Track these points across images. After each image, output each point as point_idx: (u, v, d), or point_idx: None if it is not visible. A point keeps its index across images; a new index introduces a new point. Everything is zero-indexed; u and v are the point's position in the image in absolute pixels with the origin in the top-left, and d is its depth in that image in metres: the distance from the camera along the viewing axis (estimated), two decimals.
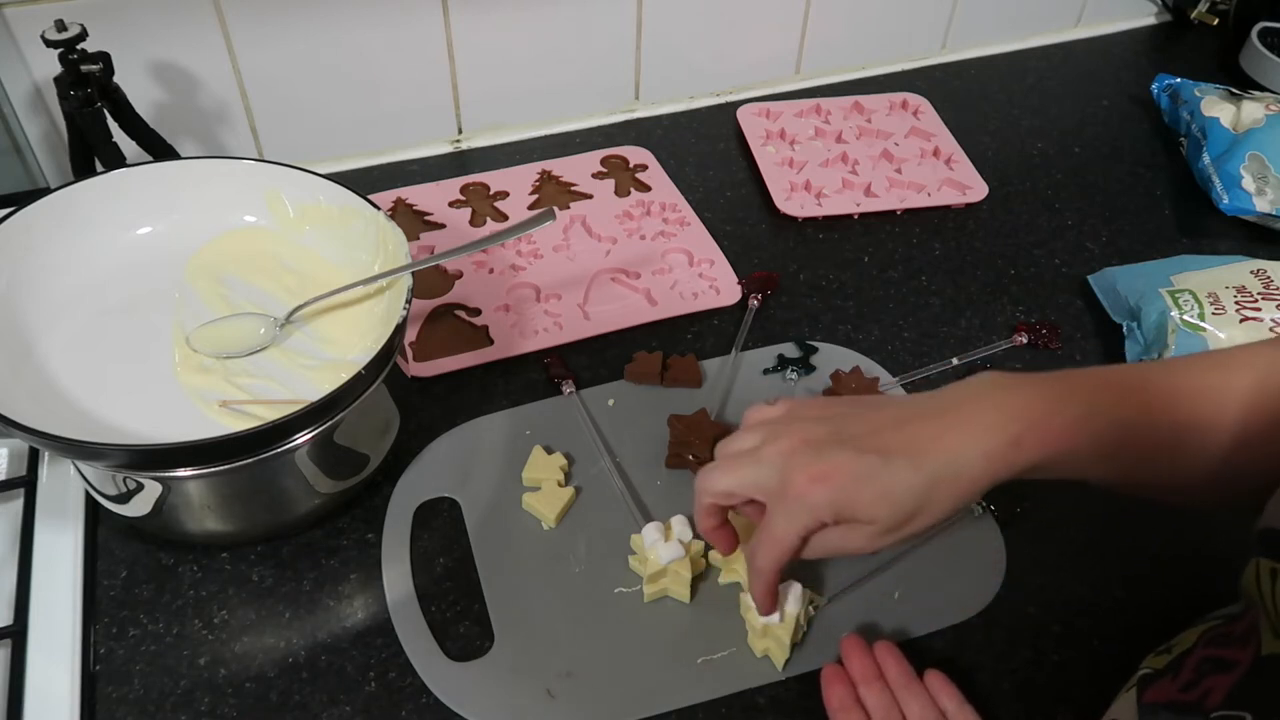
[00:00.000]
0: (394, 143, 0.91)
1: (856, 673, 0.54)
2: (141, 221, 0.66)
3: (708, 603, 0.59)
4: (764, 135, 0.94)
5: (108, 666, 0.55)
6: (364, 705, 0.54)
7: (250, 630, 0.57)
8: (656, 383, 0.70)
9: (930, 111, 0.97)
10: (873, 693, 0.53)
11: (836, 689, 0.54)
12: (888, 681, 0.54)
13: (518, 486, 0.64)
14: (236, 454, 0.52)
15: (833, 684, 0.54)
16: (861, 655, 0.55)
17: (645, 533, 0.58)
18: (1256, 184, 0.85)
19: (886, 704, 0.52)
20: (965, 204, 0.88)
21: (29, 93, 0.77)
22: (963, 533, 0.63)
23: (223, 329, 0.62)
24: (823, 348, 0.74)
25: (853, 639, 0.56)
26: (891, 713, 0.52)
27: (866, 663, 0.54)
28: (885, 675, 0.54)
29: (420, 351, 0.72)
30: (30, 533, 0.60)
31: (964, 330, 0.77)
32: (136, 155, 0.73)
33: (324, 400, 0.52)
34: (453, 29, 0.86)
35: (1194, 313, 0.71)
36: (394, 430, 0.64)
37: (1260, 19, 1.07)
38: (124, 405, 0.57)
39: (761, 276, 0.78)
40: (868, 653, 0.55)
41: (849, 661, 0.55)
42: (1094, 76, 1.07)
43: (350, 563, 0.60)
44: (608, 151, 0.91)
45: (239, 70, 0.82)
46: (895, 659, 0.54)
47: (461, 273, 0.78)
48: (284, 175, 0.66)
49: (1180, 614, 0.59)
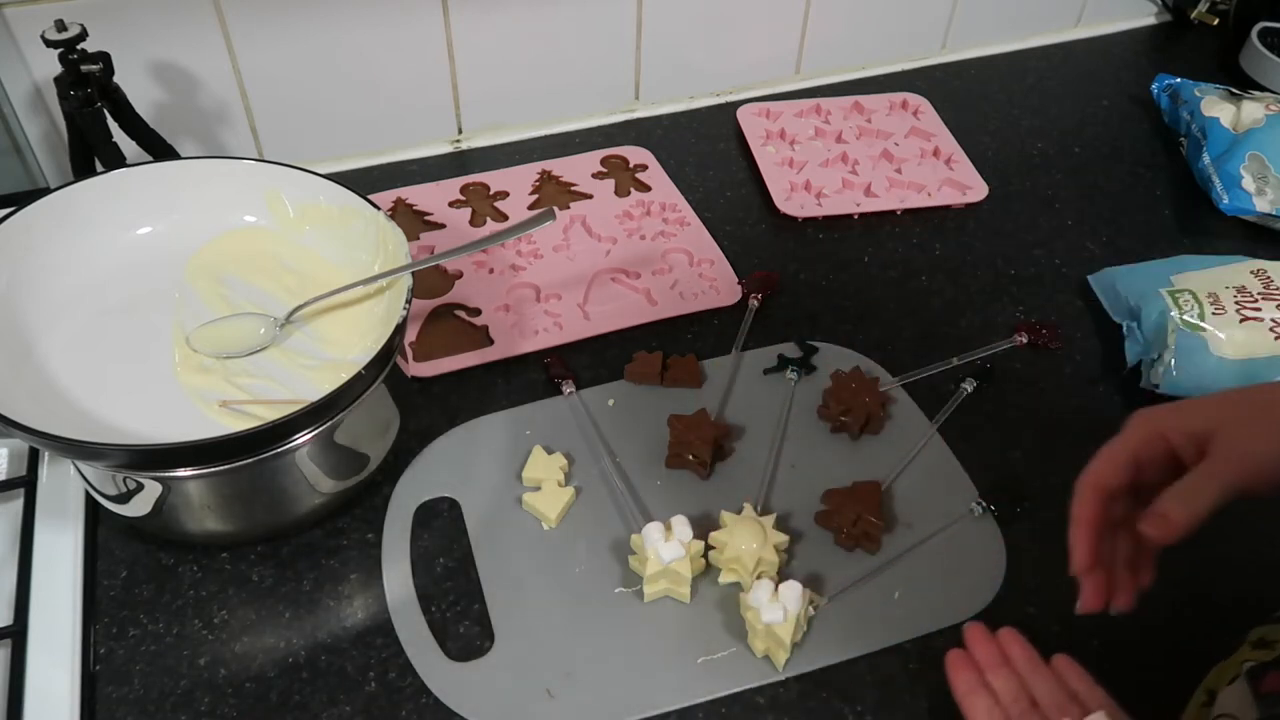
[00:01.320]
0: (394, 143, 0.91)
1: (982, 658, 0.54)
2: (141, 221, 0.66)
3: (708, 603, 0.59)
4: (764, 135, 0.94)
5: (108, 666, 0.55)
6: (364, 705, 0.54)
7: (250, 630, 0.57)
8: (656, 383, 0.70)
9: (930, 111, 0.97)
10: (999, 677, 0.53)
11: (963, 674, 0.54)
12: (1014, 666, 0.54)
13: (518, 486, 0.64)
14: (236, 454, 0.52)
15: (959, 669, 0.54)
16: (986, 641, 0.55)
17: (645, 533, 0.58)
18: (1256, 184, 0.85)
19: (1015, 687, 0.52)
20: (965, 204, 0.88)
21: (29, 93, 0.77)
22: (963, 533, 0.63)
23: (223, 329, 0.62)
24: (823, 348, 0.74)
25: (977, 626, 0.56)
26: (1020, 695, 0.52)
27: (991, 648, 0.55)
28: (1011, 660, 0.54)
29: (420, 351, 0.72)
30: (30, 533, 0.60)
31: (964, 330, 0.76)
32: (136, 155, 0.73)
33: (324, 400, 0.52)
34: (453, 29, 0.86)
35: (1194, 313, 0.71)
36: (394, 430, 0.64)
37: (1260, 19, 1.07)
38: (124, 405, 0.57)
39: (761, 276, 0.78)
40: (992, 639, 0.55)
41: (974, 647, 0.55)
42: (1094, 76, 1.07)
43: (350, 563, 0.60)
44: (608, 151, 0.91)
45: (239, 70, 0.82)
46: (1020, 644, 0.55)
47: (461, 273, 0.78)
48: (284, 175, 0.66)
49: (1180, 613, 0.59)
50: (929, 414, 0.69)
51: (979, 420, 0.70)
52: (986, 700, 0.52)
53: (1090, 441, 0.69)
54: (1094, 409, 0.71)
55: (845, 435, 0.68)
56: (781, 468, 0.66)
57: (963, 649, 0.55)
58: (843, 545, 0.62)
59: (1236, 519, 0.46)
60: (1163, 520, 0.46)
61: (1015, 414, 0.70)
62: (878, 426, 0.68)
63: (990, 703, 0.52)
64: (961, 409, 0.70)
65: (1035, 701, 0.52)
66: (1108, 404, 0.71)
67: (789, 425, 0.68)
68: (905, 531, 0.63)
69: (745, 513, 0.61)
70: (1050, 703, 0.51)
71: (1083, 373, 0.74)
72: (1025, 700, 0.52)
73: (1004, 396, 0.71)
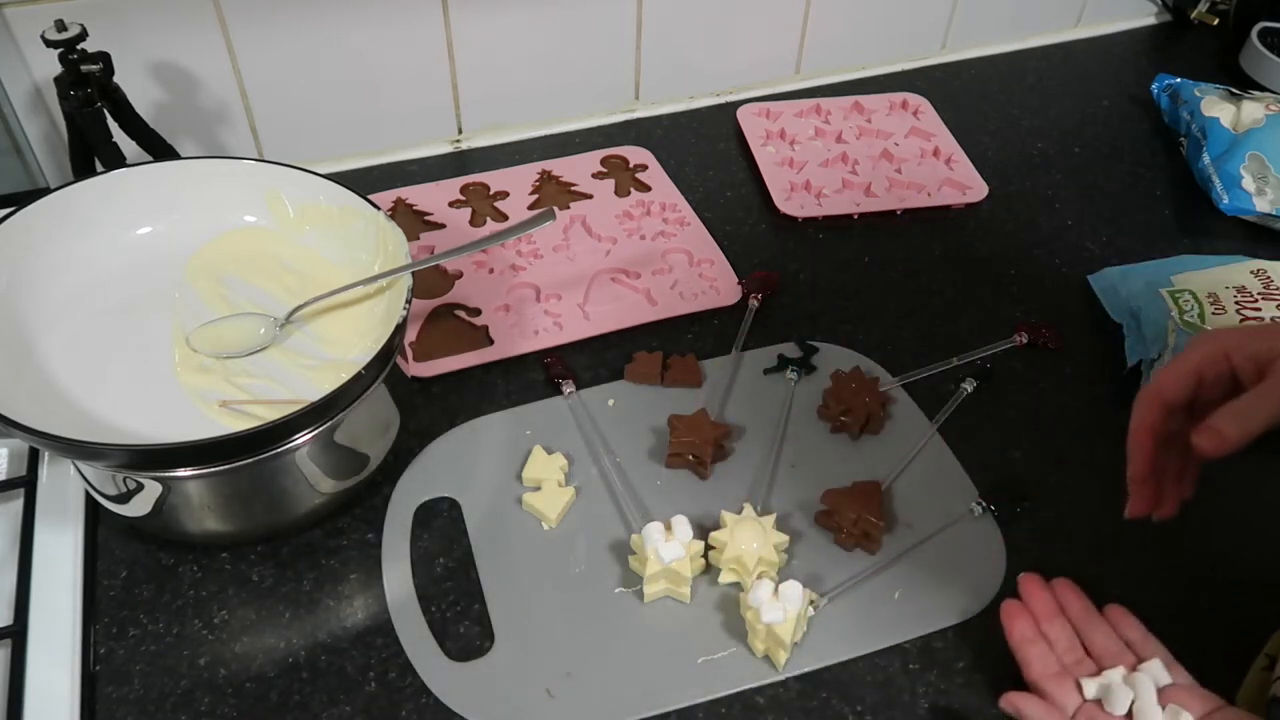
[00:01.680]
0: (394, 143, 0.91)
1: (1038, 608, 0.55)
2: (141, 221, 0.66)
3: (708, 603, 0.59)
4: (764, 135, 0.94)
5: (108, 666, 0.55)
6: (364, 705, 0.54)
7: (250, 630, 0.57)
8: (656, 383, 0.70)
9: (930, 111, 0.97)
10: (1055, 626, 0.54)
11: (1019, 623, 0.54)
12: (1069, 616, 0.55)
13: (518, 486, 0.64)
14: (236, 454, 0.52)
15: (1015, 618, 0.55)
16: (1041, 591, 0.56)
17: (645, 533, 0.58)
18: (1256, 184, 0.86)
19: (1070, 636, 0.54)
20: (965, 204, 0.88)
21: (29, 93, 0.77)
22: (963, 533, 0.63)
23: (223, 329, 0.62)
24: (823, 348, 0.74)
25: (1032, 577, 0.57)
26: (1074, 644, 0.53)
27: (1047, 598, 0.55)
28: (1066, 610, 0.55)
29: (420, 351, 0.72)
30: (30, 533, 0.60)
31: (964, 330, 0.76)
32: (136, 155, 0.73)
33: (324, 400, 0.52)
34: (453, 29, 0.86)
35: (1194, 313, 0.71)
36: (394, 430, 0.64)
37: (1260, 19, 1.07)
38: (124, 405, 0.57)
39: (761, 276, 0.78)
40: (1047, 588, 0.56)
41: (1029, 598, 0.56)
42: (1094, 76, 1.07)
43: (350, 563, 0.60)
44: (608, 151, 0.91)
45: (239, 70, 0.82)
46: (1076, 594, 0.56)
47: (461, 273, 0.78)
48: (284, 175, 0.66)
49: (1180, 613, 0.59)
50: (929, 414, 0.69)
51: (979, 420, 0.70)
52: (1042, 648, 0.53)
53: (1090, 441, 0.69)
54: (1094, 409, 0.71)
55: (845, 435, 0.68)
56: (781, 468, 0.66)
57: (1018, 599, 0.56)
58: (843, 545, 0.62)
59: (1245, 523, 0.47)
60: (1216, 434, 0.47)
61: (1015, 414, 0.70)
62: (878, 426, 0.68)
63: (1045, 649, 0.53)
64: (961, 409, 0.70)
65: (1090, 650, 0.53)
66: (1108, 404, 0.71)
67: (789, 425, 0.68)
68: (905, 531, 0.63)
69: (745, 513, 0.61)
70: (1105, 651, 0.53)
71: (1083, 373, 0.74)
72: (1080, 649, 0.53)
73: (1004, 396, 0.71)
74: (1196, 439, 0.48)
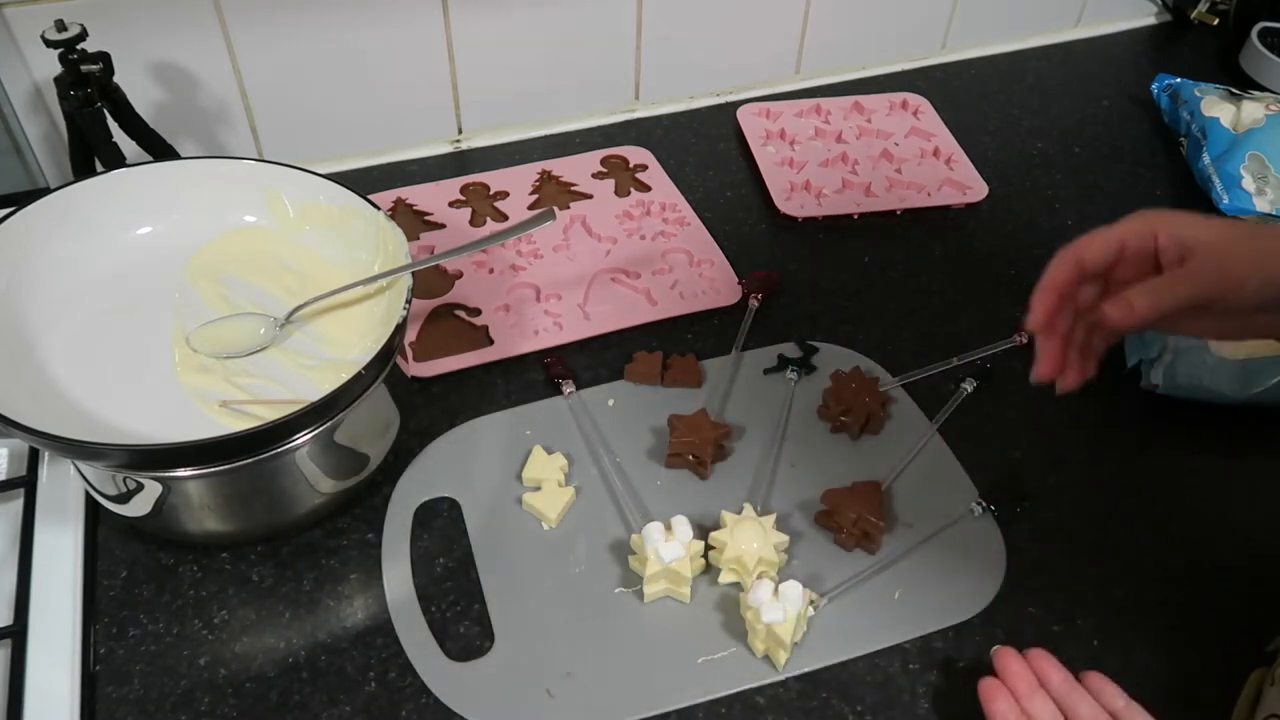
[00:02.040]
0: (394, 143, 0.91)
1: (1018, 685, 0.53)
2: (141, 221, 0.66)
3: (708, 603, 0.59)
4: (764, 135, 0.94)
5: (108, 666, 0.55)
6: (364, 705, 0.54)
7: (250, 630, 0.57)
8: (656, 383, 0.70)
9: (930, 111, 0.97)
10: (1037, 703, 0.52)
11: (1000, 703, 0.52)
12: (1049, 690, 0.53)
13: (518, 486, 0.64)
14: (236, 454, 0.52)
15: (995, 698, 0.52)
16: (1019, 665, 0.53)
17: (645, 533, 0.58)
18: (1256, 184, 0.85)
19: (1053, 712, 0.51)
20: (965, 204, 0.88)
21: (29, 93, 0.77)
22: (963, 533, 0.63)
23: (223, 329, 0.62)
24: (823, 348, 0.74)
25: (1006, 651, 0.54)
26: (1059, 719, 0.51)
27: (1025, 673, 0.53)
28: (1046, 684, 0.53)
29: (420, 351, 0.72)
30: (30, 533, 0.60)
31: (964, 330, 0.76)
32: (136, 155, 0.73)
33: (324, 400, 0.52)
34: (453, 29, 0.86)
35: None
36: (394, 430, 0.64)
37: (1260, 19, 1.07)
38: (124, 405, 0.57)
39: (761, 276, 0.78)
40: (1023, 661, 0.54)
41: (1006, 674, 0.53)
42: (1094, 76, 1.07)
43: (350, 563, 0.60)
44: (608, 151, 0.91)
45: (239, 70, 0.82)
46: (1054, 666, 0.53)
47: (461, 273, 0.78)
48: (284, 175, 0.66)
49: (1180, 613, 0.59)
50: (929, 414, 0.69)
51: (979, 420, 0.70)
52: None
53: (1090, 442, 0.69)
54: (1094, 409, 0.71)
55: (845, 435, 0.68)
56: (781, 468, 0.66)
57: (994, 677, 0.53)
58: (843, 545, 0.62)
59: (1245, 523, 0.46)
60: (1126, 305, 0.48)
61: (1015, 414, 0.70)
62: (878, 426, 0.68)
63: None
64: (961, 409, 0.70)
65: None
66: (1108, 404, 0.71)
67: (789, 425, 0.68)
68: (905, 531, 0.63)
69: (745, 513, 0.61)
70: None
71: None
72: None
73: (1004, 396, 0.71)
74: (1106, 307, 0.49)
